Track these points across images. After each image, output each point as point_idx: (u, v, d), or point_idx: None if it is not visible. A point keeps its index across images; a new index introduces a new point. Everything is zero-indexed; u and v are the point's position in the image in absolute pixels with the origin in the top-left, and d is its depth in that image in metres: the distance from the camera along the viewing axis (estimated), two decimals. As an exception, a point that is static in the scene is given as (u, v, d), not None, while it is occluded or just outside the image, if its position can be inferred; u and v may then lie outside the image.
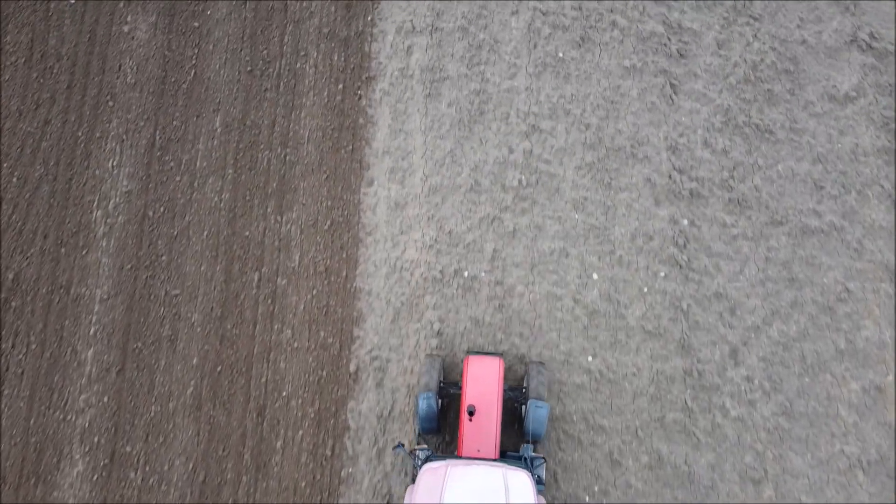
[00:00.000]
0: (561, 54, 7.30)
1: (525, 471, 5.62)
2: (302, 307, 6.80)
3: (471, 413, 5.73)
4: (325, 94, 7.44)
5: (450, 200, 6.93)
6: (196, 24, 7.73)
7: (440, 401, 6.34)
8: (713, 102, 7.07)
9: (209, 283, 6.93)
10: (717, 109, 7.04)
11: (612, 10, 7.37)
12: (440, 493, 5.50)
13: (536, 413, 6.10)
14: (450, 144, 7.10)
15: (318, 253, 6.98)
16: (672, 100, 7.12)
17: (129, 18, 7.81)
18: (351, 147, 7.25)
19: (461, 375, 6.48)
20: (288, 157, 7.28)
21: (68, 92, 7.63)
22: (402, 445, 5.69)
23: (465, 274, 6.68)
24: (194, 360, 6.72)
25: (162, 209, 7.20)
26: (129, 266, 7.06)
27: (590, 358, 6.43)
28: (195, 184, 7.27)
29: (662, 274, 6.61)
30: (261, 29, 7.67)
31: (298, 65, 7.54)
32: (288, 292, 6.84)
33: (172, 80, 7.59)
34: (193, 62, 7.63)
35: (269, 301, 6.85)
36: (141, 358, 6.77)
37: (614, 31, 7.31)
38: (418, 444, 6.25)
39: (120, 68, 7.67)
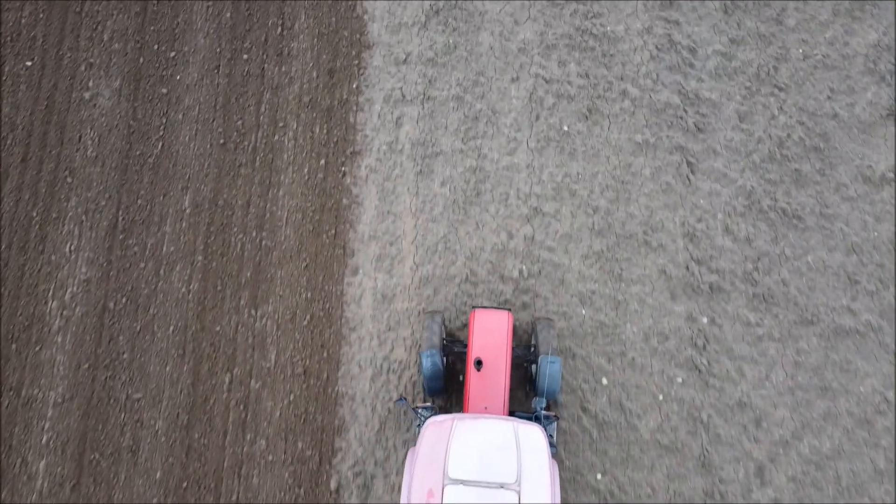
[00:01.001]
0: (566, 127, 7.44)
1: (538, 426, 5.72)
2: (278, 414, 6.86)
3: (478, 367, 5.94)
4: (306, 170, 7.57)
5: (443, 292, 7.03)
6: (164, 91, 7.90)
7: (444, 358, 6.63)
8: (735, 183, 7.18)
9: (175, 385, 7.01)
10: (739, 191, 7.15)
11: (622, 78, 7.52)
12: (446, 447, 5.57)
13: (549, 368, 6.26)
14: (443, 229, 7.22)
15: (295, 352, 7.06)
16: (689, 180, 7.23)
17: (90, 84, 7.98)
18: (334, 231, 7.36)
19: (467, 331, 6.78)
20: (264, 242, 7.39)
21: (23, 166, 7.78)
22: (405, 399, 5.96)
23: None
24: (157, 474, 6.77)
25: (124, 300, 7.30)
26: (86, 365, 7.15)
27: (598, 476, 6.46)
28: (161, 271, 7.38)
29: (679, 379, 6.67)
30: (235, 96, 7.84)
31: (276, 137, 7.69)
32: (262, 396, 6.91)
33: (137, 153, 7.75)
34: (161, 133, 7.79)
35: (242, 407, 6.91)
36: (98, 471, 6.82)
37: (625, 102, 7.45)
38: (423, 402, 6.54)
39: (80, 139, 7.83)
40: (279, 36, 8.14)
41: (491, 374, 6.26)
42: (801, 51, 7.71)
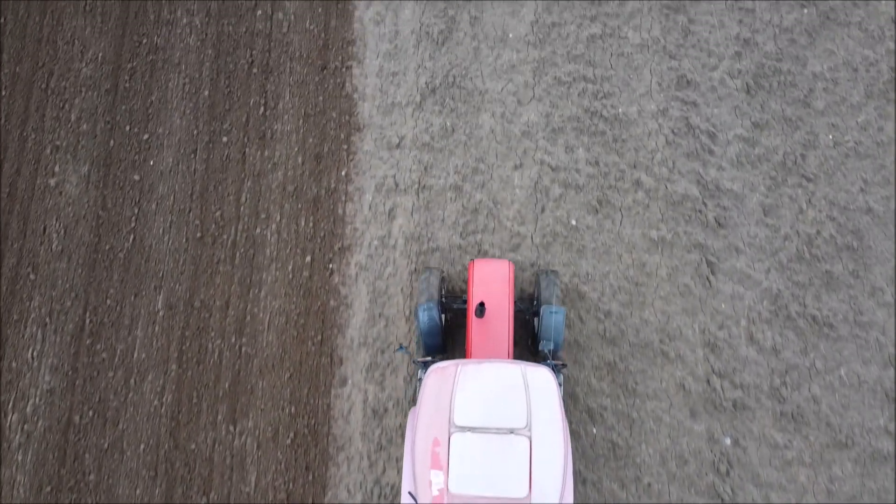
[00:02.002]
0: (574, 221, 7.63)
1: (547, 367, 6.03)
2: (258, 545, 7.01)
3: (480, 312, 6.30)
4: (290, 267, 7.77)
5: (439, 408, 7.14)
6: (136, 178, 8.14)
7: (443, 315, 7.05)
8: (759, 286, 7.34)
9: (146, 512, 7.17)
10: (764, 295, 7.30)
11: (635, 166, 7.73)
12: (450, 394, 5.83)
13: (552, 319, 6.61)
14: (440, 336, 7.36)
15: (278, 474, 7.20)
16: (709, 282, 7.39)
17: (56, 168, 8.23)
18: (320, 337, 7.55)
19: (467, 283, 7.24)
20: (244, 349, 7.57)
21: (-18, 262, 8.01)
22: (405, 347, 6.23)
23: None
24: None
25: (91, 413, 7.48)
26: (48, 488, 7.32)
27: None
28: (131, 381, 7.56)
29: (700, 509, 6.80)
30: (214, 184, 8.06)
31: (258, 230, 7.91)
32: (241, 525, 7.06)
33: (107, 247, 7.97)
34: (132, 225, 8.01)
35: (219, 537, 7.07)
36: None
37: (638, 193, 7.65)
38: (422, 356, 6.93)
39: (45, 231, 8.05)
40: (262, 117, 8.39)
41: (493, 324, 6.60)
42: (830, 137, 7.90)
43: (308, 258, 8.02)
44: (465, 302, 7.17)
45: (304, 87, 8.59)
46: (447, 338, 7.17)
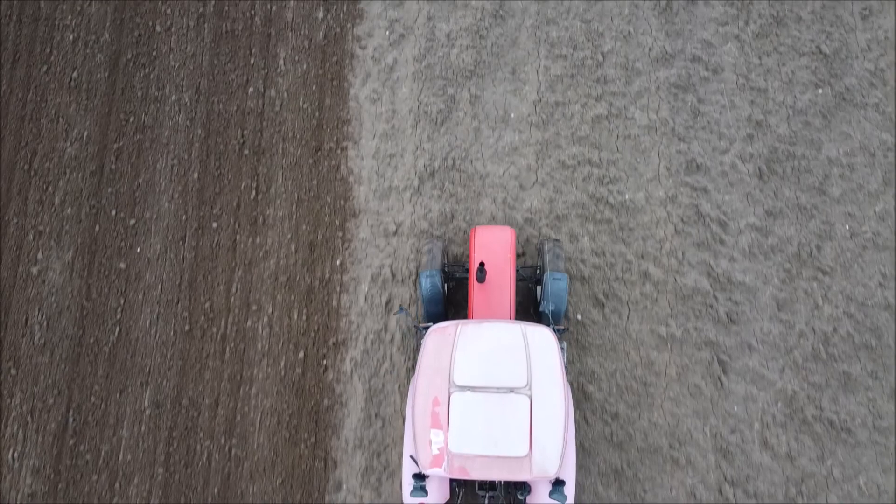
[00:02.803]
0: (579, 316, 7.95)
1: (547, 327, 6.60)
2: None
3: (481, 274, 6.92)
4: (282, 363, 8.09)
5: (438, 516, 7.45)
6: (122, 266, 8.50)
7: (446, 284, 7.79)
8: (773, 386, 7.64)
9: None
10: (778, 396, 7.60)
11: (642, 257, 8.06)
12: (450, 353, 6.41)
13: (555, 285, 7.23)
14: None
15: (269, 587, 7.49)
16: (721, 382, 7.69)
17: (39, 256, 8.59)
18: (314, 439, 7.85)
19: (468, 250, 7.95)
20: (234, 451, 7.88)
21: (-39, 356, 8.36)
22: (405, 309, 6.70)
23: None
24: None
25: (73, 519, 7.79)
26: None
27: None
28: (116, 485, 7.86)
29: None
30: (203, 273, 8.41)
31: (249, 323, 8.24)
32: None
33: (91, 340, 8.31)
34: (118, 317, 8.36)
35: None
36: None
37: (646, 286, 7.97)
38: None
39: (26, 323, 8.40)
40: (253, 201, 8.77)
41: (495, 289, 7.27)
42: (847, 227, 8.23)
43: (301, 354, 8.35)
44: (466, 271, 7.84)
45: (298, 170, 8.98)
46: (449, 307, 7.92)
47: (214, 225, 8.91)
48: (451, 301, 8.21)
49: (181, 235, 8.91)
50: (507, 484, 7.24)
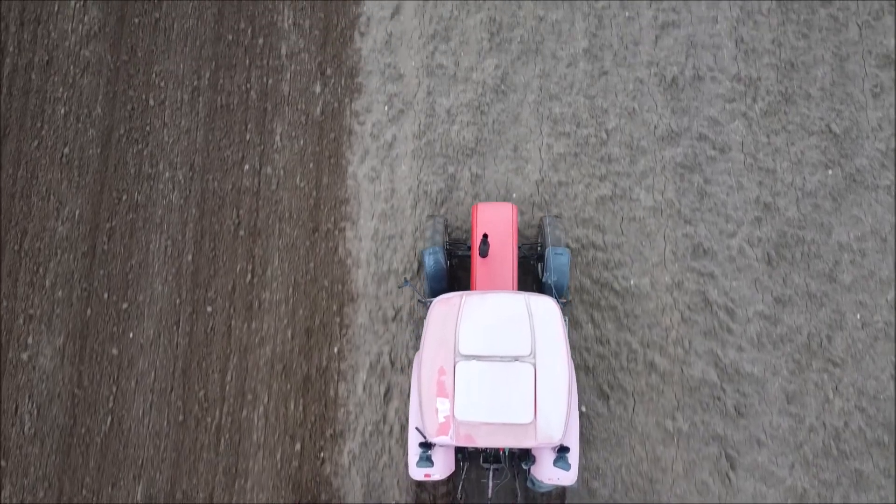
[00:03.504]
0: (584, 408, 8.29)
1: (550, 297, 7.24)
2: None
3: (484, 247, 7.69)
4: (278, 456, 8.44)
5: None
6: (115, 352, 8.90)
7: (448, 261, 8.55)
8: (783, 483, 7.96)
9: None
10: (788, 493, 7.91)
11: (648, 346, 8.41)
12: (455, 323, 7.05)
13: (556, 260, 7.99)
14: (439, 537, 8.01)
15: None
16: (729, 479, 8.02)
17: (29, 341, 8.99)
18: (310, 536, 8.19)
19: (471, 228, 8.68)
20: (228, 549, 8.22)
21: (-50, 447, 8.73)
22: (409, 282, 7.70)
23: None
24: None
25: None
26: None
27: None
28: (108, 583, 8.20)
29: None
30: (197, 360, 8.80)
31: (244, 413, 8.61)
32: None
33: (83, 430, 8.68)
34: (110, 406, 8.74)
35: None
36: None
37: (652, 377, 8.32)
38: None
39: (16, 412, 8.78)
40: (249, 285, 9.17)
41: (497, 264, 8.05)
42: (858, 316, 8.58)
43: (297, 446, 8.71)
44: (469, 248, 8.66)
45: (294, 252, 9.38)
46: (452, 283, 8.80)
47: (209, 309, 9.31)
48: (455, 278, 9.07)
49: (175, 320, 9.31)
50: (512, 456, 7.80)
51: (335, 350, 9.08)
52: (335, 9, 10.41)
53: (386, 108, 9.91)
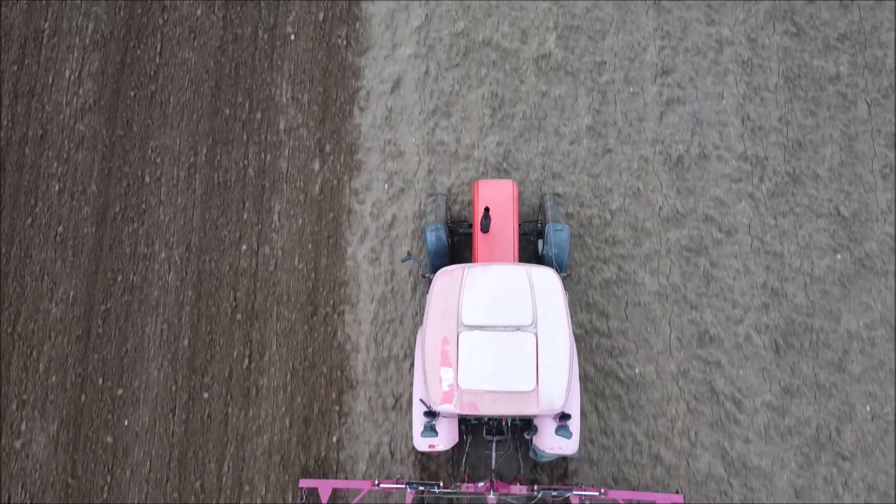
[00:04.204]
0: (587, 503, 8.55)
1: (550, 268, 7.95)
2: None
3: (486, 220, 8.43)
4: (276, 551, 8.74)
5: None
6: (109, 440, 9.24)
7: (450, 239, 9.31)
8: (792, 583, 8.22)
9: None
10: None
11: (653, 437, 8.73)
12: (458, 294, 7.73)
13: (556, 236, 8.73)
14: None
15: None
16: (736, 578, 8.28)
17: (23, 427, 9.34)
18: None
19: (472, 205, 9.61)
20: None
21: (-59, 539, 9.04)
22: (412, 255, 8.43)
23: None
24: None
25: None
26: None
27: None
28: None
29: None
30: (193, 449, 9.13)
31: (242, 503, 8.91)
32: None
33: (77, 521, 8.99)
34: (104, 496, 9.13)
35: None
36: None
37: (657, 470, 8.64)
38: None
39: (9, 502, 9.07)
40: (246, 370, 9.52)
41: (498, 240, 8.80)
42: (868, 408, 8.89)
43: (296, 540, 9.00)
44: (470, 226, 9.48)
45: (293, 336, 9.73)
46: (454, 260, 9.61)
47: (205, 395, 9.64)
48: (456, 255, 9.80)
49: (171, 407, 9.64)
50: (514, 428, 8.41)
51: (334, 439, 9.39)
52: (334, 83, 10.81)
53: (386, 186, 10.28)
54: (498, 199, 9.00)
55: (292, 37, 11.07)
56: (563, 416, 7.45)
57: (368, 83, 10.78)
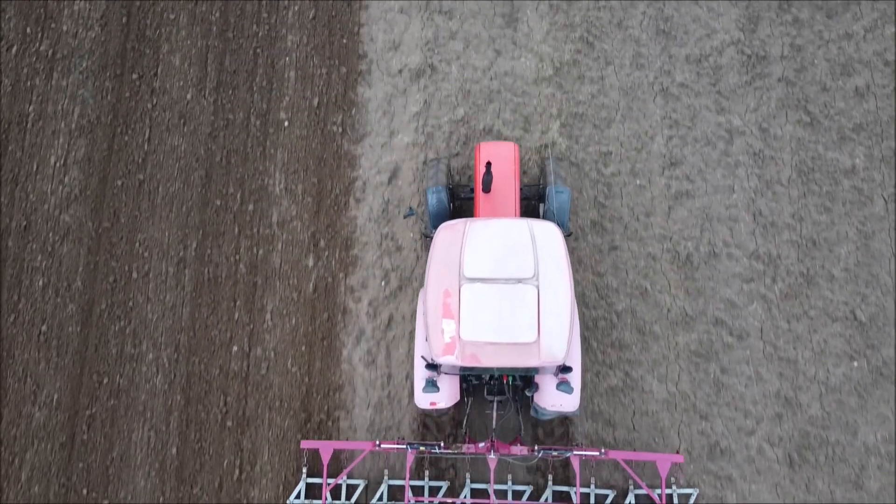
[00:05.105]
0: None
1: (552, 222, 8.47)
2: None
3: (488, 176, 9.01)
4: None
5: None
6: (94, 555, 9.39)
7: (451, 204, 9.81)
8: None
9: None
10: None
11: (662, 558, 8.83)
12: (460, 248, 8.20)
13: (558, 198, 9.29)
14: None
15: None
16: None
17: (4, 541, 9.52)
18: None
19: (474, 168, 10.13)
20: None
21: None
22: (414, 210, 9.50)
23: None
24: None
25: None
26: None
27: None
28: None
29: None
30: (181, 567, 9.29)
31: None
32: None
33: None
34: None
35: None
36: None
37: (666, 593, 8.74)
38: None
39: None
40: (237, 482, 9.87)
41: (500, 199, 9.39)
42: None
43: None
44: (472, 191, 10.01)
45: (285, 445, 9.96)
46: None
47: (195, 508, 9.85)
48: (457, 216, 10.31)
49: (158, 526, 9.86)
50: (515, 388, 8.98)
51: (329, 553, 9.58)
52: (329, 173, 11.09)
53: (383, 283, 10.52)
54: (499, 160, 9.63)
55: (286, 123, 11.38)
56: (565, 369, 7.96)
57: (365, 173, 11.05)
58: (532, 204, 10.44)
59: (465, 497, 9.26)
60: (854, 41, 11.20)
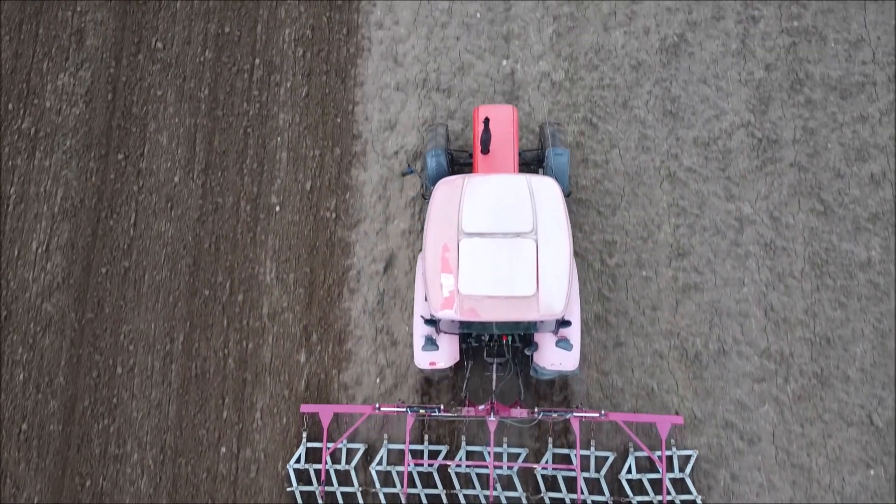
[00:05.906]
0: None
1: (551, 178, 8.91)
2: None
3: (486, 135, 9.54)
4: None
5: None
6: None
7: (451, 168, 10.31)
8: None
9: None
10: None
11: None
12: (458, 203, 8.63)
13: (557, 161, 9.82)
14: None
15: None
16: None
17: None
18: None
19: (473, 132, 10.74)
20: None
21: None
22: (413, 169, 9.88)
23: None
24: None
25: None
26: None
27: None
28: None
29: None
30: None
31: None
32: None
33: None
34: None
35: None
36: None
37: None
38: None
39: None
40: (224, 593, 9.77)
41: (499, 160, 9.92)
42: None
43: None
44: (471, 156, 10.54)
45: (275, 553, 10.03)
46: None
47: None
48: None
49: None
50: (515, 350, 9.34)
51: None
52: (322, 261, 11.24)
53: (378, 380, 10.64)
54: (498, 122, 10.08)
55: (277, 208, 11.54)
56: (563, 324, 8.39)
57: (359, 262, 11.19)
58: (532, 169, 10.98)
59: (460, 459, 9.73)
60: (869, 124, 11.34)
